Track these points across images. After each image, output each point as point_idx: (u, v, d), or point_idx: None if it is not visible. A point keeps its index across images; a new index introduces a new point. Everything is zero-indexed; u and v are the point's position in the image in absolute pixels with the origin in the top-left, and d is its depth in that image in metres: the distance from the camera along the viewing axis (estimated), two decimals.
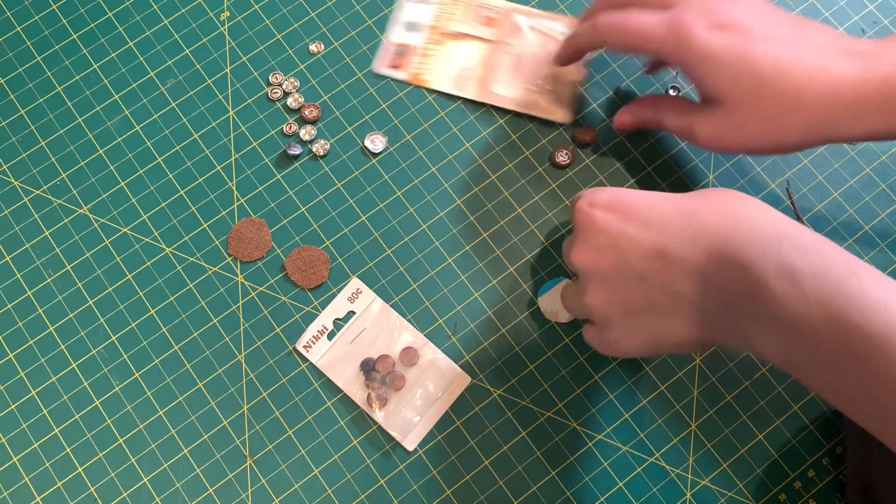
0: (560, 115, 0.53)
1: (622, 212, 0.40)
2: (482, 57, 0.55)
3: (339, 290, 0.51)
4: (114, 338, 0.50)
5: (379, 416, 0.48)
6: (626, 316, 0.40)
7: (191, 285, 0.51)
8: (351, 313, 0.50)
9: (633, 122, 0.50)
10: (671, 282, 0.38)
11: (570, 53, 0.50)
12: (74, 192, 0.53)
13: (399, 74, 0.55)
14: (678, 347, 0.40)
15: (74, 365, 0.50)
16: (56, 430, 0.49)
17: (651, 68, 0.53)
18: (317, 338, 0.50)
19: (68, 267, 0.52)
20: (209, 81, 0.55)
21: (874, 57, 0.40)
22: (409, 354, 0.49)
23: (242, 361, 0.50)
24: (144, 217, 0.53)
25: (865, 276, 0.34)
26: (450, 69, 0.55)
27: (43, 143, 0.54)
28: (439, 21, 0.56)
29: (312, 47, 0.55)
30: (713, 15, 0.42)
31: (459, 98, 0.54)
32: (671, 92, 0.52)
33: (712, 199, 0.39)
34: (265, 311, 0.51)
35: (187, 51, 0.56)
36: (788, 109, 0.41)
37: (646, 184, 0.52)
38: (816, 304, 0.34)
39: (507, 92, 0.54)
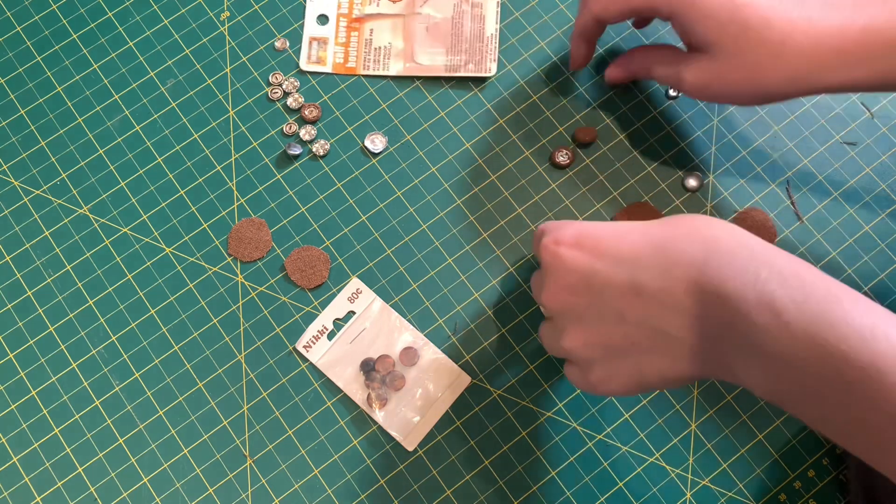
0: (487, 69, 0.54)
1: (590, 248, 0.39)
2: (398, 31, 0.55)
3: (339, 290, 0.51)
4: (114, 338, 0.50)
5: (379, 416, 0.48)
6: (607, 356, 0.39)
7: (191, 285, 0.51)
8: (351, 313, 0.50)
9: (623, 74, 0.51)
10: (650, 317, 0.37)
11: (578, 49, 0.51)
12: (74, 192, 0.53)
13: (323, 68, 0.55)
14: (664, 383, 0.39)
15: (74, 365, 0.50)
16: (56, 430, 0.49)
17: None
18: (317, 338, 0.50)
19: (68, 267, 0.52)
20: (209, 81, 0.55)
21: (854, 8, 0.41)
22: (409, 354, 0.49)
23: (242, 361, 0.50)
24: (144, 217, 0.53)
25: (848, 302, 0.33)
26: (370, 52, 0.55)
27: (43, 143, 0.54)
28: (347, 8, 0.56)
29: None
30: None
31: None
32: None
33: (682, 226, 0.38)
34: (265, 311, 0.51)
35: (187, 51, 0.56)
36: (772, 58, 0.42)
37: (646, 184, 0.53)
38: (800, 334, 0.33)
39: (432, 60, 0.55)
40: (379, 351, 0.49)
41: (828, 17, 0.41)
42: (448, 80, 0.55)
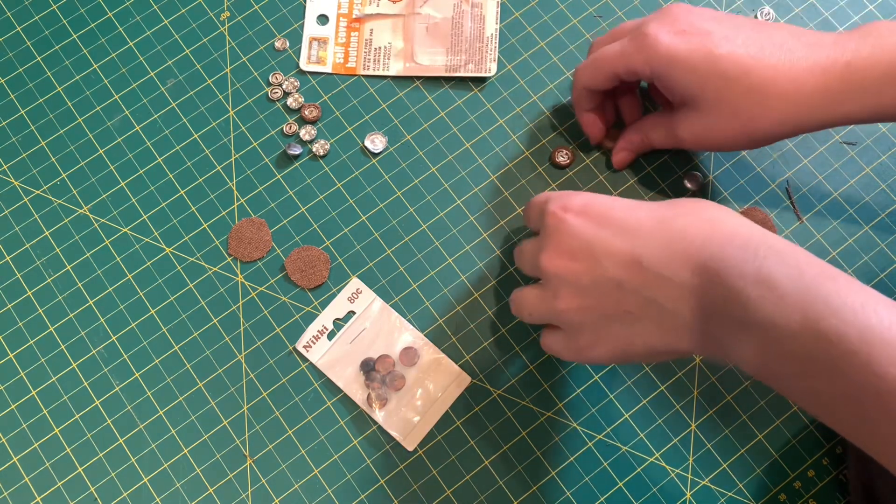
0: (487, 69, 0.54)
1: (596, 217, 0.40)
2: (398, 32, 0.55)
3: (339, 290, 0.51)
4: (114, 338, 0.50)
5: (379, 416, 0.48)
6: (598, 321, 0.40)
7: (191, 285, 0.51)
8: (351, 313, 0.50)
9: (628, 156, 0.52)
10: (646, 288, 0.38)
11: (586, 119, 0.51)
12: (74, 192, 0.53)
13: (323, 68, 0.55)
14: (650, 355, 0.39)
15: (74, 365, 0.50)
16: (56, 430, 0.49)
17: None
18: (317, 338, 0.50)
19: (68, 267, 0.52)
20: (209, 81, 0.55)
21: (836, 46, 0.41)
22: (409, 354, 0.49)
23: (242, 361, 0.50)
24: (144, 217, 0.53)
25: (842, 281, 0.34)
26: (370, 52, 0.55)
27: (43, 143, 0.54)
28: (347, 8, 0.56)
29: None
30: (673, 23, 0.44)
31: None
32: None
33: (686, 208, 0.39)
34: (265, 311, 0.51)
35: (187, 51, 0.56)
36: (757, 105, 0.42)
37: (646, 184, 0.53)
38: (793, 307, 0.34)
39: (432, 60, 0.55)
40: (379, 351, 0.49)
41: (810, 58, 0.42)
42: (448, 80, 0.55)
